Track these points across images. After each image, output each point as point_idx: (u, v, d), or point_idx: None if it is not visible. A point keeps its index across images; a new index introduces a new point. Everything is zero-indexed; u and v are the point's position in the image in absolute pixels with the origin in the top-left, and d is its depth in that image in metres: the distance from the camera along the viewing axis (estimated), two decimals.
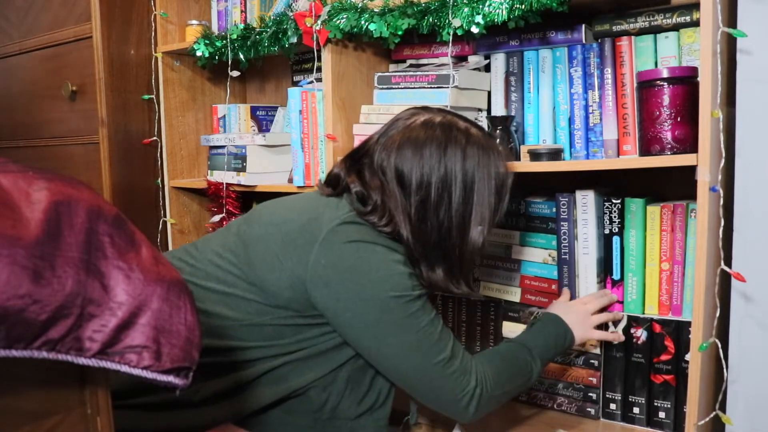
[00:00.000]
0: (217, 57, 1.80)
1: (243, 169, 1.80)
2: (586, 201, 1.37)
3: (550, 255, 1.44)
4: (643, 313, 1.34)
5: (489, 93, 1.53)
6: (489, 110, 1.53)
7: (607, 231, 1.36)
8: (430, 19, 1.37)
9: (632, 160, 1.29)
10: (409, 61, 1.65)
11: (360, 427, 1.11)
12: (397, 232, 1.07)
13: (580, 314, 1.29)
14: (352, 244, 1.03)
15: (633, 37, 1.32)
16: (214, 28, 1.96)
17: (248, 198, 1.92)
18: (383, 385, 1.13)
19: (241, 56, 1.74)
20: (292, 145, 1.67)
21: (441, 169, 1.06)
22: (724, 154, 1.10)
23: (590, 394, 1.41)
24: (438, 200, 1.07)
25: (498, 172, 1.11)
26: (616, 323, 1.36)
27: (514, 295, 1.50)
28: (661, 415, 1.32)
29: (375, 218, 1.07)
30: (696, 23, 1.23)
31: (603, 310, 1.34)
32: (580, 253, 1.39)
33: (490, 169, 1.09)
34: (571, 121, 1.40)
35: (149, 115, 2.01)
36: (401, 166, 1.07)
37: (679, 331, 1.29)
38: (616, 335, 1.33)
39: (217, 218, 1.87)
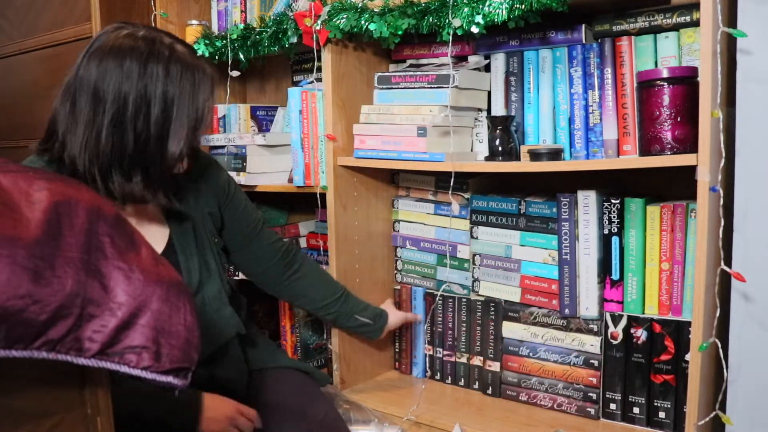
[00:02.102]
0: (217, 57, 1.79)
1: (243, 169, 1.80)
2: (587, 201, 1.37)
3: (550, 255, 1.44)
4: (643, 313, 1.34)
5: (489, 93, 1.53)
6: (489, 110, 1.53)
7: (606, 231, 1.36)
8: (430, 19, 1.37)
9: (632, 160, 1.28)
10: (409, 61, 1.65)
11: None
12: (61, 151, 1.08)
13: (227, 410, 1.19)
14: None
15: (633, 37, 1.32)
16: (214, 28, 1.96)
17: (248, 198, 1.91)
18: None
19: (241, 56, 1.74)
20: (292, 145, 1.67)
21: (140, 84, 1.06)
22: (724, 154, 1.10)
23: (590, 394, 1.41)
24: (135, 113, 1.06)
25: (199, 91, 1.11)
26: (616, 322, 1.36)
27: (514, 295, 1.50)
28: (661, 415, 1.32)
29: (45, 145, 1.11)
30: (696, 23, 1.23)
31: None
32: (581, 254, 1.39)
33: (192, 88, 1.10)
34: (571, 121, 1.40)
35: None
36: (99, 80, 1.06)
37: (679, 331, 1.29)
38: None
39: None
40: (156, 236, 1.21)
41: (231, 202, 1.35)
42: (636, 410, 1.35)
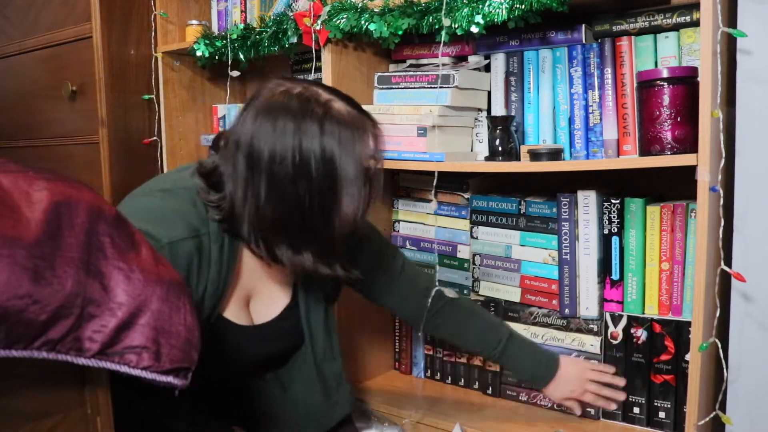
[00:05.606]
0: (217, 57, 1.79)
1: None
2: (587, 201, 1.37)
3: (550, 255, 1.44)
4: (643, 313, 1.34)
5: (489, 93, 1.53)
6: (489, 110, 1.53)
7: (606, 231, 1.36)
8: (430, 19, 1.37)
9: (632, 160, 1.28)
10: (409, 61, 1.65)
11: None
12: (231, 211, 1.01)
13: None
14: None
15: (633, 37, 1.32)
16: (214, 28, 1.96)
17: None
18: None
19: (241, 56, 1.74)
20: None
21: (295, 141, 0.97)
22: (724, 154, 1.10)
23: None
24: (294, 173, 0.97)
25: (360, 145, 1.01)
26: (615, 322, 1.36)
27: (514, 295, 1.50)
28: (661, 415, 1.32)
29: (211, 195, 1.03)
30: (696, 23, 1.23)
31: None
32: (581, 254, 1.39)
33: (353, 141, 1.00)
34: (571, 121, 1.40)
35: (149, 115, 2.01)
36: (253, 139, 0.99)
37: (679, 331, 1.29)
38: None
39: None
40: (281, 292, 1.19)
41: (364, 254, 1.27)
42: (636, 410, 1.35)
